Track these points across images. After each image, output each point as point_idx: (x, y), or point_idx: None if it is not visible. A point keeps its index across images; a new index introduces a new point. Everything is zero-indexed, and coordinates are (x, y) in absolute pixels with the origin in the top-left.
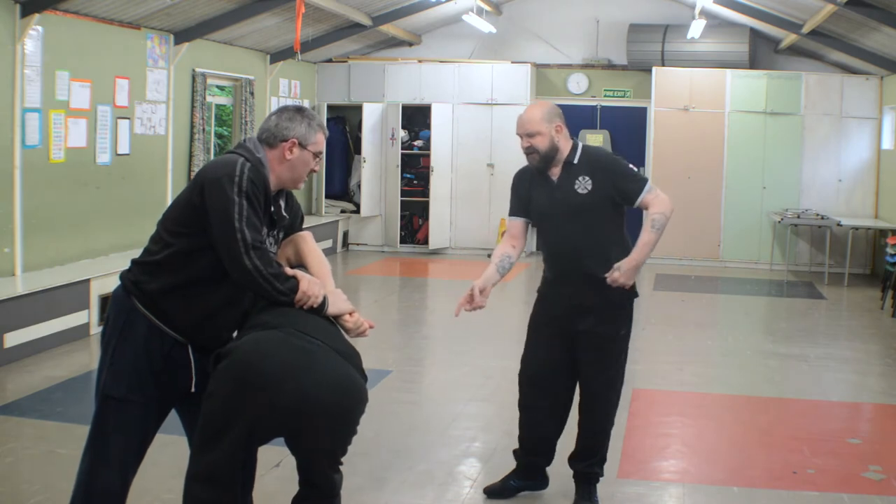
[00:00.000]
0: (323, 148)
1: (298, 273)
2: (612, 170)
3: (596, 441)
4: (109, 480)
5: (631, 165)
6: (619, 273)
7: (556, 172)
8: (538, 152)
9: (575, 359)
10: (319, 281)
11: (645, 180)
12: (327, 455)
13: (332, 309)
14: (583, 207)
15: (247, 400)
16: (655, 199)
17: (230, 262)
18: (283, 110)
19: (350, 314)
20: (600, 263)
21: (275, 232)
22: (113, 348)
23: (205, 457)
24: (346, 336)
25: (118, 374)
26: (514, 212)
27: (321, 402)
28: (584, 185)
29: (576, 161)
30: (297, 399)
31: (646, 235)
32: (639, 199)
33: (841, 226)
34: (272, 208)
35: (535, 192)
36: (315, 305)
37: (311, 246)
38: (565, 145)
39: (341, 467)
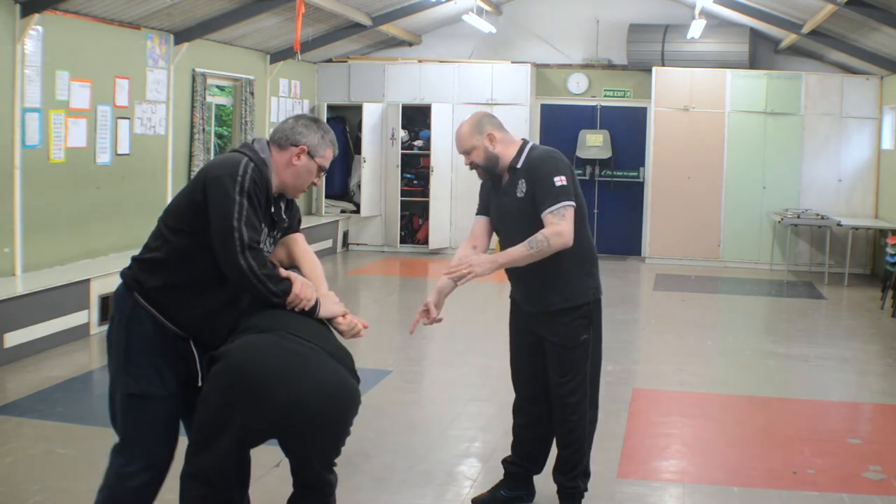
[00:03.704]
0: (328, 164)
1: (292, 275)
2: (536, 172)
3: (572, 451)
4: (142, 478)
5: (560, 178)
6: (474, 260)
7: (505, 177)
8: (479, 166)
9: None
10: (312, 284)
11: (562, 198)
12: (320, 457)
13: (324, 312)
14: (521, 212)
15: (239, 404)
16: (553, 224)
17: (225, 261)
18: (301, 117)
19: (343, 316)
20: (546, 270)
21: (275, 233)
22: (125, 347)
23: (199, 458)
24: (341, 338)
25: (136, 372)
26: (478, 210)
27: (313, 407)
28: (521, 188)
29: (519, 165)
30: (289, 403)
31: (519, 248)
32: (543, 214)
33: (841, 226)
34: (273, 209)
35: (491, 197)
36: (307, 308)
37: (303, 248)
38: (506, 150)
39: (336, 468)
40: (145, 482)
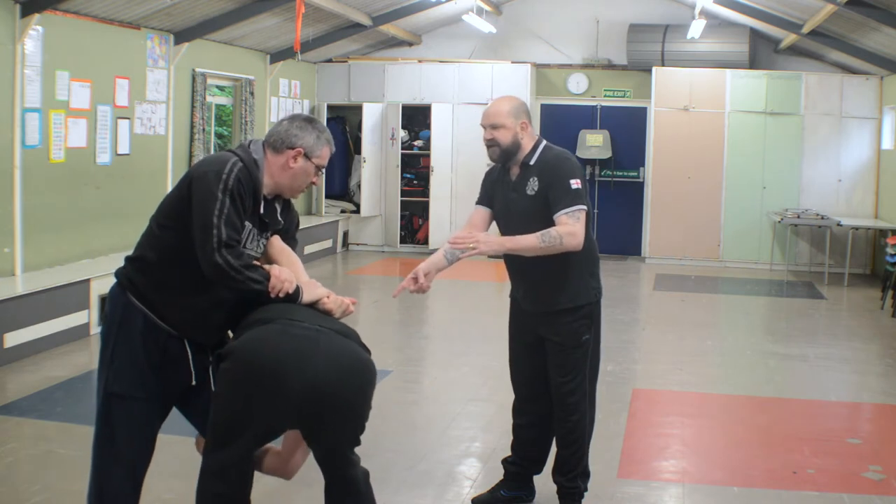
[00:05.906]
0: (326, 163)
1: (266, 265)
2: (551, 173)
3: (571, 452)
4: (120, 480)
5: (576, 181)
6: (482, 237)
7: (515, 172)
8: (499, 146)
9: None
10: (288, 270)
11: (576, 201)
12: (347, 439)
13: (307, 297)
14: (530, 209)
15: (257, 397)
16: (567, 225)
17: (202, 256)
18: (294, 118)
19: (327, 297)
20: (550, 269)
21: (267, 233)
22: (112, 345)
23: (218, 455)
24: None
25: (120, 371)
26: (478, 200)
27: (332, 386)
28: (532, 186)
29: (532, 162)
30: (308, 386)
31: (530, 238)
32: (557, 214)
33: (841, 226)
34: (262, 211)
35: (497, 190)
36: (290, 291)
37: (279, 246)
38: (528, 144)
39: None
40: (123, 483)
